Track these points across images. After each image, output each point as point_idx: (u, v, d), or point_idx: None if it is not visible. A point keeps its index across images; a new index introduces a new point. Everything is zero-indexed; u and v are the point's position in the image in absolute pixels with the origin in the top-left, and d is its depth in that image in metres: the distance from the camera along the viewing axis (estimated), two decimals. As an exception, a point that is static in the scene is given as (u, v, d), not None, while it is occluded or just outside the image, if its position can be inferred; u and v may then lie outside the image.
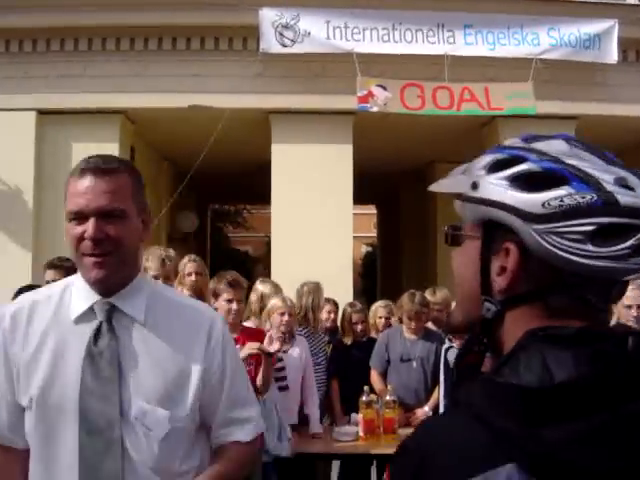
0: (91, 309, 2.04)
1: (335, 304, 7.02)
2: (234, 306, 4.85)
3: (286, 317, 5.51)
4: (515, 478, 1.03)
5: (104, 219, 1.96)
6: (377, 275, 19.82)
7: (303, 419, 5.80)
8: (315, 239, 9.46)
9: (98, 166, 2.00)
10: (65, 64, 9.33)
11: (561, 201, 1.12)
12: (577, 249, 1.11)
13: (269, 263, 10.19)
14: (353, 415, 5.99)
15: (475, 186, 1.22)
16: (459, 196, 1.27)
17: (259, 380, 4.84)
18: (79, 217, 1.97)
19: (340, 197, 9.77)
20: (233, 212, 24.83)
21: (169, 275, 4.90)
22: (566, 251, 1.11)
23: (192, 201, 15.34)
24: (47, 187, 9.28)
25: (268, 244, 25.63)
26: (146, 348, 2.03)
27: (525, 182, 1.16)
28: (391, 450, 4.75)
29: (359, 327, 6.51)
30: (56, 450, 1.99)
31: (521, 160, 1.18)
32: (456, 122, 9.92)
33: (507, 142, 1.28)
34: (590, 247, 1.11)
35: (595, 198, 1.11)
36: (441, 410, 6.09)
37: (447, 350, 6.11)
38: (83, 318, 2.04)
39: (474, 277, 1.24)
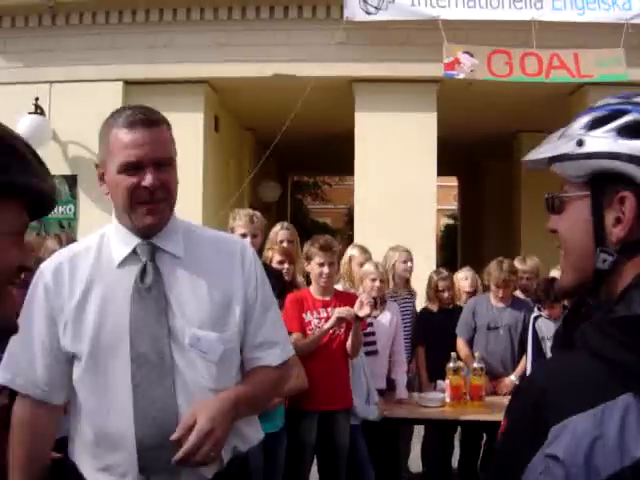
0: (133, 252, 2.14)
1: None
2: (325, 269, 4.87)
3: (377, 283, 5.52)
4: (632, 406, 1.08)
5: (158, 168, 2.06)
6: (457, 247, 19.68)
7: (390, 384, 5.83)
8: (398, 209, 9.43)
9: (147, 118, 2.08)
10: (151, 35, 9.45)
11: None
12: None
13: (347, 234, 10.20)
14: (439, 382, 5.99)
15: (580, 143, 1.27)
16: (560, 159, 1.31)
17: (348, 345, 4.87)
18: (133, 168, 2.05)
19: (424, 166, 9.70)
20: (312, 184, 24.92)
21: (256, 233, 4.93)
22: None
23: (273, 171, 15.43)
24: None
25: (347, 215, 25.84)
26: (189, 280, 2.15)
27: (634, 130, 1.22)
28: (478, 417, 4.77)
29: (445, 294, 6.47)
30: (111, 392, 2.07)
31: (623, 113, 1.25)
32: (541, 91, 9.71)
33: (598, 103, 1.33)
34: None
35: None
36: (528, 379, 6.05)
37: (535, 319, 6.04)
38: (127, 262, 2.14)
39: (586, 235, 1.28)
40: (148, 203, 2.08)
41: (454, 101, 9.89)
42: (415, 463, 6.83)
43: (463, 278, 6.87)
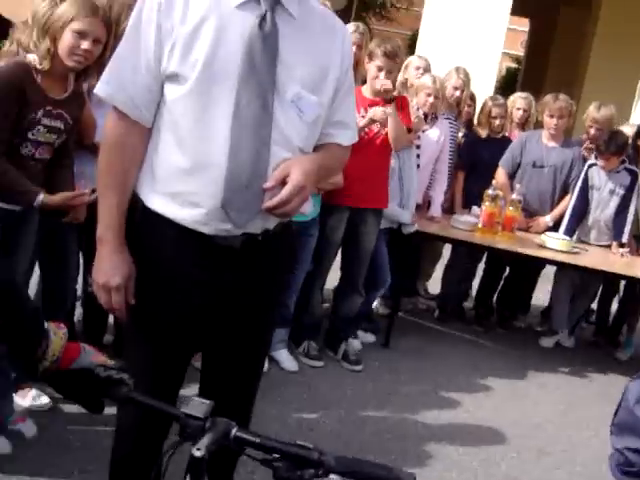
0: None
1: (472, 98, 6.69)
2: (382, 76, 4.70)
3: (431, 99, 5.42)
4: None
5: None
6: (517, 91, 19.31)
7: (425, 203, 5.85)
8: (464, 41, 9.20)
9: None
10: None
11: None
12: None
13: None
14: (474, 208, 5.96)
15: None
16: None
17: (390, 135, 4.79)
18: None
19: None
20: (379, 3, 24.14)
21: None
22: None
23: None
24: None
25: (409, 41, 25.09)
26: (299, 41, 2.18)
27: None
28: (505, 246, 4.81)
29: (497, 122, 6.28)
30: (210, 119, 2.09)
31: None
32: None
33: None
34: None
35: None
36: (564, 222, 5.98)
37: (590, 166, 5.92)
38: (246, 6, 2.12)
39: None
40: None
41: None
42: (434, 286, 6.96)
43: (516, 107, 6.63)
